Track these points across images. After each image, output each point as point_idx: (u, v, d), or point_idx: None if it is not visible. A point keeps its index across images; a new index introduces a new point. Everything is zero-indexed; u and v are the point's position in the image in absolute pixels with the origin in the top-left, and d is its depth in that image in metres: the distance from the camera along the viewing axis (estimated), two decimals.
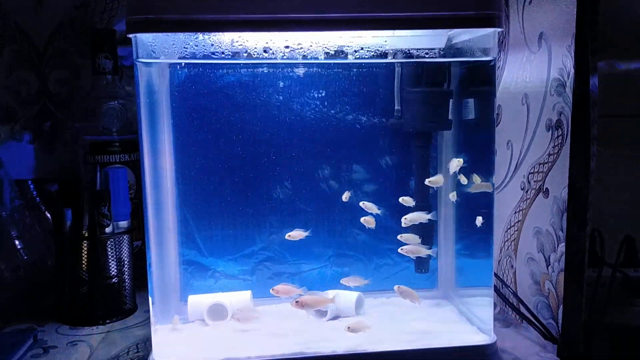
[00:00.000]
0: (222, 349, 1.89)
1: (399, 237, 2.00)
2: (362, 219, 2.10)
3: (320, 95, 2.36)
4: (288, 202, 2.28)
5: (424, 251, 2.03)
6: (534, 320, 1.97)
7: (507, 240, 2.32)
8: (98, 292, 2.42)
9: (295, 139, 2.35)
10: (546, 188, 1.98)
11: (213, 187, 2.23)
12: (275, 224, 2.41)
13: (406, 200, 2.10)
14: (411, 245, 2.00)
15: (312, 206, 2.28)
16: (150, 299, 1.90)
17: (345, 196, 2.14)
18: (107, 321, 2.32)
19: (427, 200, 2.19)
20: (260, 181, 2.27)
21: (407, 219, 2.01)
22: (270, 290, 1.96)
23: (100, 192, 2.40)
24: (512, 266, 2.30)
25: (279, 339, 1.98)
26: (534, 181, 2.05)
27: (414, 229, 2.12)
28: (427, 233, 2.16)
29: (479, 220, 1.96)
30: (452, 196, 2.12)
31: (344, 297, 2.16)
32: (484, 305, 1.99)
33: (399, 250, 1.99)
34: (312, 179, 2.40)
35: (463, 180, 2.02)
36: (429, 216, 2.04)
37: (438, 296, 2.39)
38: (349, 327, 1.85)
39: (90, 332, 2.22)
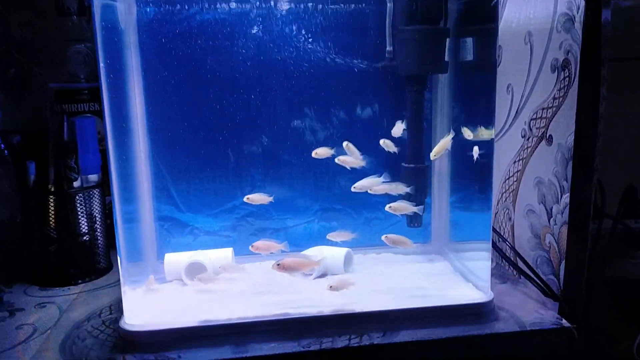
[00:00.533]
0: (201, 310, 1.80)
1: (387, 207, 1.91)
2: (337, 159, 1.95)
3: (304, 35, 2.15)
4: (272, 152, 2.16)
5: (411, 208, 1.91)
6: (533, 276, 1.88)
7: (505, 192, 2.20)
8: (69, 250, 2.28)
9: (279, 84, 2.19)
10: (550, 135, 1.83)
11: (190, 136, 2.11)
12: (257, 176, 2.28)
13: (387, 144, 1.96)
14: (399, 202, 1.89)
15: (298, 157, 2.16)
16: (118, 258, 1.77)
17: (345, 145, 1.96)
18: (80, 281, 2.21)
19: (420, 151, 2.06)
20: (241, 130, 2.14)
21: (392, 208, 1.88)
22: (250, 247, 1.85)
23: (66, 143, 2.19)
24: (509, 219, 2.19)
25: (262, 298, 1.89)
26: (536, 128, 1.90)
27: (408, 180, 1.98)
28: (420, 186, 2.04)
29: (476, 152, 1.84)
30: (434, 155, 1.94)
31: (331, 254, 2.08)
32: (480, 260, 1.91)
33: (387, 208, 1.88)
34: (298, 128, 2.25)
35: (468, 134, 1.93)
36: (415, 209, 1.92)
37: (431, 251, 2.32)
38: (331, 286, 1.75)
39: (61, 293, 2.10)
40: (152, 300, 1.92)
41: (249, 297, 1.91)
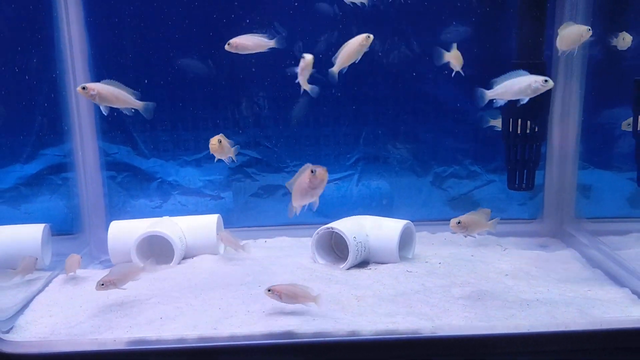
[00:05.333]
0: (140, 318, 1.27)
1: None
2: None
3: None
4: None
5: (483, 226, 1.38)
6: None
7: None
8: None
9: None
10: None
11: (149, 30, 1.62)
12: (262, 102, 1.68)
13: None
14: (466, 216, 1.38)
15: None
16: None
17: None
18: None
19: (539, 57, 1.51)
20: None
21: (464, 224, 1.36)
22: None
23: None
24: None
25: (251, 302, 1.30)
26: None
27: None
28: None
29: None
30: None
31: (380, 229, 1.55)
32: None
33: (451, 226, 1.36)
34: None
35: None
36: (489, 226, 1.39)
37: (542, 232, 1.75)
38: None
39: None
40: (63, 298, 1.40)
41: (227, 299, 1.29)
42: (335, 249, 1.51)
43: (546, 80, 1.35)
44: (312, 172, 1.30)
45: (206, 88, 1.68)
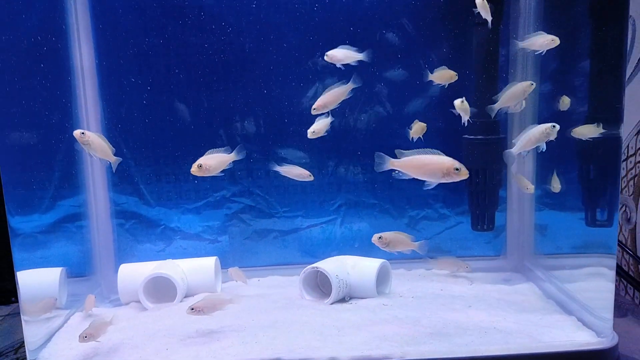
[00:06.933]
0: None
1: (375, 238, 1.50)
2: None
3: None
4: (275, 122, 1.77)
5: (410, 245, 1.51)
6: None
7: (621, 180, 1.72)
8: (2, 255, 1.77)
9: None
10: None
11: (159, 93, 1.73)
12: (256, 156, 1.80)
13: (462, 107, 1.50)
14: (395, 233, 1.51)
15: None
16: (16, 273, 1.37)
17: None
18: (13, 299, 1.84)
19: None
20: (233, 89, 1.76)
21: (384, 240, 1.49)
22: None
23: None
24: (628, 219, 1.72)
25: (253, 339, 1.40)
26: None
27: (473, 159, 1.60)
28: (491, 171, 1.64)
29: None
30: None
31: (360, 268, 1.67)
32: (591, 282, 1.49)
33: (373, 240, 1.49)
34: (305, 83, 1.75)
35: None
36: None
37: (506, 268, 1.86)
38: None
39: None
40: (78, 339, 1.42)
41: (224, 332, 1.41)
42: (321, 286, 1.64)
43: (554, 126, 1.39)
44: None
45: (207, 144, 1.78)
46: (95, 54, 1.70)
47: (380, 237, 1.49)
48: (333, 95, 1.50)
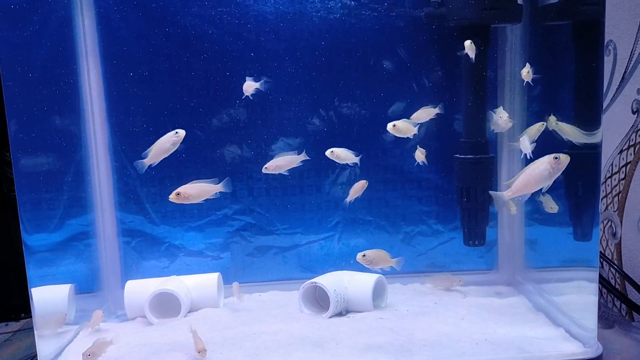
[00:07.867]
0: None
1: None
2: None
3: None
4: (274, 139, 1.80)
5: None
6: None
7: (607, 196, 1.78)
8: (10, 273, 1.89)
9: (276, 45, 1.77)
10: None
11: (164, 118, 1.76)
12: (256, 175, 1.82)
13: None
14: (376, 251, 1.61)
15: (310, 151, 1.70)
16: (30, 288, 1.40)
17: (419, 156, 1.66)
18: (23, 315, 1.88)
19: (482, 135, 1.66)
20: (234, 112, 1.80)
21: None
22: None
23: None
24: (614, 234, 1.75)
25: (255, 352, 1.44)
26: None
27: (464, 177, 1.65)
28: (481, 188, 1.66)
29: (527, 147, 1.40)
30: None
31: (356, 283, 1.71)
32: (576, 295, 1.51)
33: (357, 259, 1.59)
34: (305, 104, 1.79)
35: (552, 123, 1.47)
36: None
37: (498, 281, 1.89)
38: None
39: None
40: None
41: (227, 345, 1.45)
42: (319, 300, 1.69)
43: (556, 158, 1.27)
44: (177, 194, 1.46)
45: (208, 166, 1.82)
46: (103, 80, 1.72)
47: (364, 255, 1.57)
48: (285, 161, 1.60)
